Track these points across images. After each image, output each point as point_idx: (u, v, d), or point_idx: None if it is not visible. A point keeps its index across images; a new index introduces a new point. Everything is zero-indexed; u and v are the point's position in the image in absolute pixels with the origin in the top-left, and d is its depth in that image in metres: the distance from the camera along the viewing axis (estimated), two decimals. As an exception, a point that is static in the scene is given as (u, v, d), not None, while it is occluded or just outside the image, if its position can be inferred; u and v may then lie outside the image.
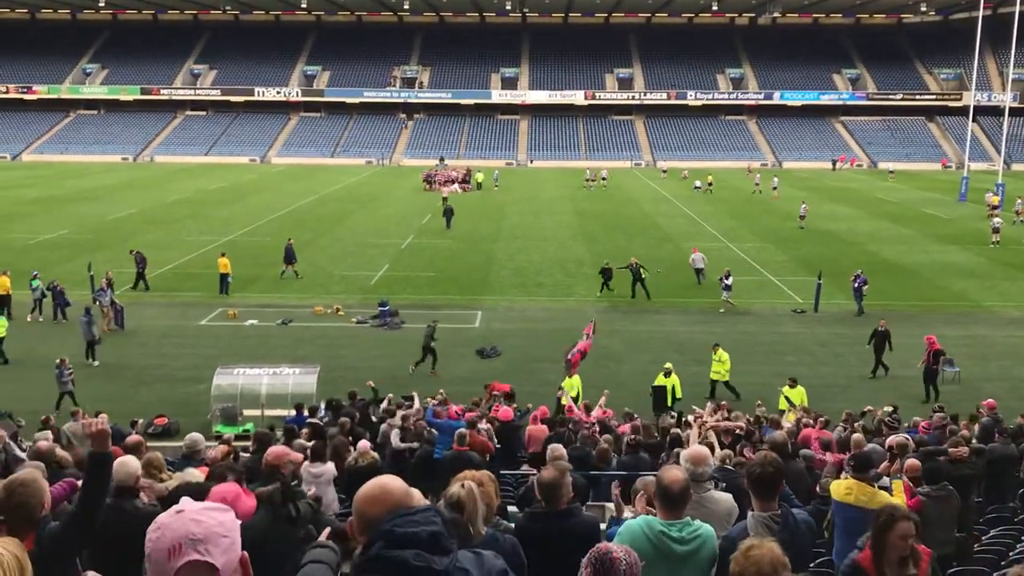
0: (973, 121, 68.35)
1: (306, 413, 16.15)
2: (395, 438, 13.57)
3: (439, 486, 10.48)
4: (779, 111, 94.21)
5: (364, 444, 11.81)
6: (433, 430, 13.62)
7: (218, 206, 54.31)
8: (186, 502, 2.52)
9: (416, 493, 3.02)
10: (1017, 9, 60.42)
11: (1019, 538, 9.74)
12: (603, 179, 67.80)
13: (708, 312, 30.32)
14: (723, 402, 18.66)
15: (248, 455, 11.19)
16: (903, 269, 36.98)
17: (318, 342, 26.55)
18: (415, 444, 13.64)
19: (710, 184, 63.50)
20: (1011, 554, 8.74)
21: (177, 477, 8.44)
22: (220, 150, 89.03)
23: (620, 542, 4.39)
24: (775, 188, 60.95)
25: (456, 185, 64.52)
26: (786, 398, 19.34)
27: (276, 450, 7.76)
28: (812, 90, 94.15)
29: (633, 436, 12.52)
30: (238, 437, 18.26)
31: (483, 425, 13.72)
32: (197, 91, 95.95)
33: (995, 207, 50.27)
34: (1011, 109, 66.92)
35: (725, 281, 30.35)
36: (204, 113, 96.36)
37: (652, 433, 14.41)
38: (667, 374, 20.53)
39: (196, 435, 10.29)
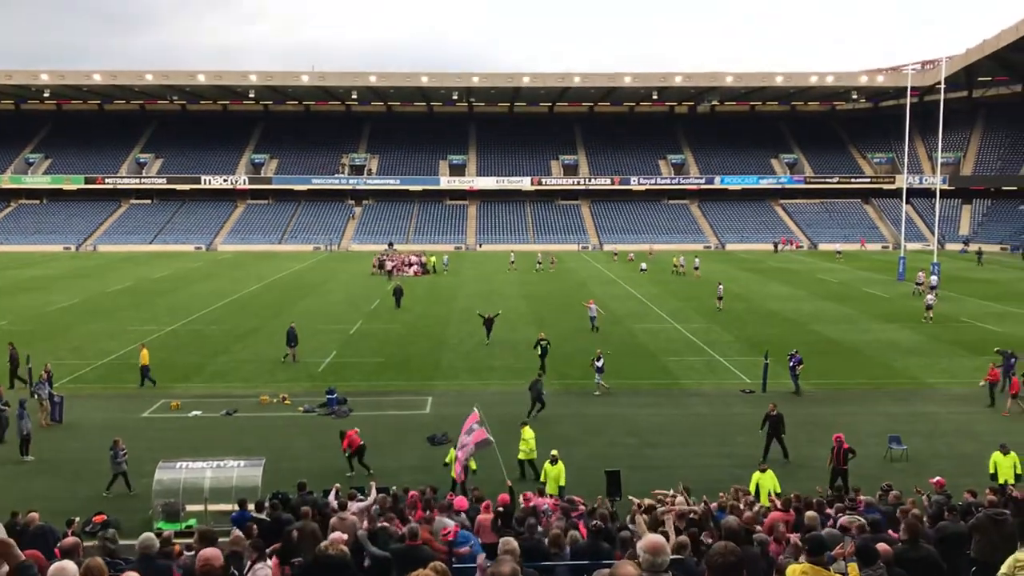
0: (907, 203, 70.63)
1: (251, 508, 15.59)
2: (363, 538, 12.90)
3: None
4: (720, 195, 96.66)
5: (338, 535, 11.37)
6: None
7: (162, 295, 53.51)
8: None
9: None
10: (942, 97, 63.33)
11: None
12: (551, 263, 68.60)
13: (659, 393, 30.35)
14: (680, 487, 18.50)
15: (191, 553, 10.74)
16: (847, 348, 37.59)
17: (264, 433, 25.90)
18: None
19: (679, 266, 65.34)
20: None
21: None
22: (165, 238, 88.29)
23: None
24: (696, 268, 63.66)
25: (412, 268, 65.05)
26: (758, 484, 19.19)
27: (207, 554, 7.42)
28: (751, 174, 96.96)
29: (595, 522, 12.26)
30: (179, 534, 17.60)
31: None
32: (143, 180, 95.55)
33: (933, 287, 51.61)
34: (942, 191, 69.42)
35: (597, 364, 30.54)
36: (149, 202, 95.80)
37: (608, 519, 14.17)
38: (553, 462, 20.00)
39: (150, 535, 9.78)
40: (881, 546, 9.45)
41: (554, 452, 20.50)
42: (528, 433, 22.22)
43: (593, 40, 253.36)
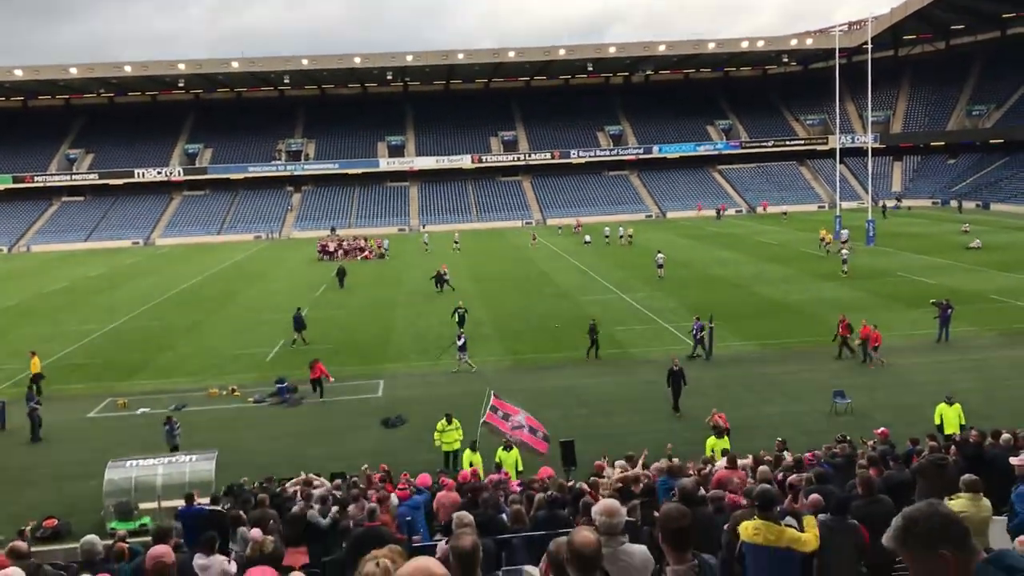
0: (840, 163, 71.98)
1: (200, 502, 15.36)
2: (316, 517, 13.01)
3: (348, 563, 10.21)
4: (659, 164, 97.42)
5: (256, 532, 11.31)
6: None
7: (101, 293, 52.38)
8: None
9: None
10: (869, 57, 64.52)
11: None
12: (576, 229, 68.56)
13: (608, 363, 30.66)
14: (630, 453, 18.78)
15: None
16: (789, 308, 38.35)
17: (215, 426, 25.63)
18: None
19: (630, 236, 65.52)
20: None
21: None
22: (101, 235, 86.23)
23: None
24: (621, 237, 65.79)
25: (364, 253, 65.09)
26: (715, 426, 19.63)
27: (156, 552, 7.35)
28: (688, 142, 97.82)
29: (550, 492, 12.42)
30: (133, 533, 17.41)
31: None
32: (73, 176, 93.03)
33: (844, 242, 53.21)
34: (873, 150, 70.92)
35: (458, 342, 30.80)
36: (82, 198, 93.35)
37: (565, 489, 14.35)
38: (507, 448, 19.84)
39: (93, 538, 9.58)
40: (813, 496, 9.71)
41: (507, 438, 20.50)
42: (456, 423, 21.75)
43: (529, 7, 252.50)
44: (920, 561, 2.91)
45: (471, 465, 18.86)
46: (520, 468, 19.49)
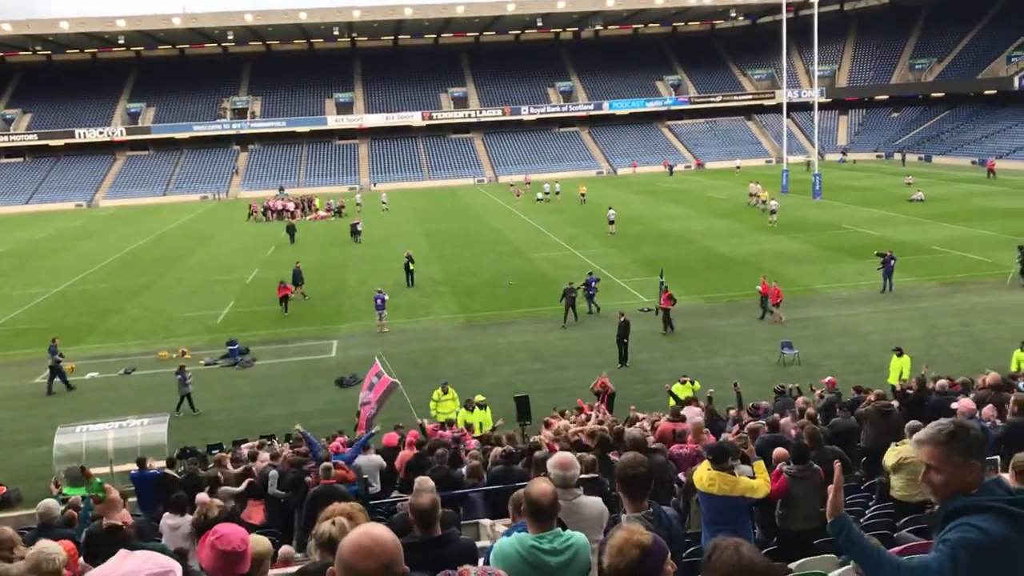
0: (787, 117, 72.65)
1: (154, 466, 15.29)
2: (272, 484, 13.02)
3: (305, 520, 10.27)
4: (609, 120, 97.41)
5: (203, 496, 11.29)
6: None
7: (44, 256, 51.20)
8: None
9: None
10: (816, 11, 64.93)
11: (867, 504, 10.39)
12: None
13: (560, 319, 30.87)
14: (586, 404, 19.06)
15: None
16: (738, 261, 38.88)
17: (166, 389, 25.36)
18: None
19: (583, 194, 65.40)
20: (862, 520, 9.30)
21: (32, 554, 7.82)
22: (42, 197, 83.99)
23: (493, 562, 4.42)
24: (558, 193, 67.14)
25: (318, 214, 64.94)
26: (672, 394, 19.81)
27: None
28: (638, 98, 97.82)
29: (505, 448, 12.55)
30: (85, 499, 17.26)
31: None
32: (11, 137, 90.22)
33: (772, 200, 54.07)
34: (820, 104, 71.63)
35: (376, 300, 30.93)
36: (21, 160, 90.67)
37: (517, 443, 14.54)
38: (482, 407, 19.96)
39: (50, 502, 9.54)
40: (778, 451, 10.03)
41: (480, 398, 20.46)
42: (453, 393, 21.32)
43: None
44: (955, 465, 3.35)
45: (467, 425, 18.75)
46: (492, 425, 19.30)
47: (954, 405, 11.55)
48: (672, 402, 18.88)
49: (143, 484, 14.47)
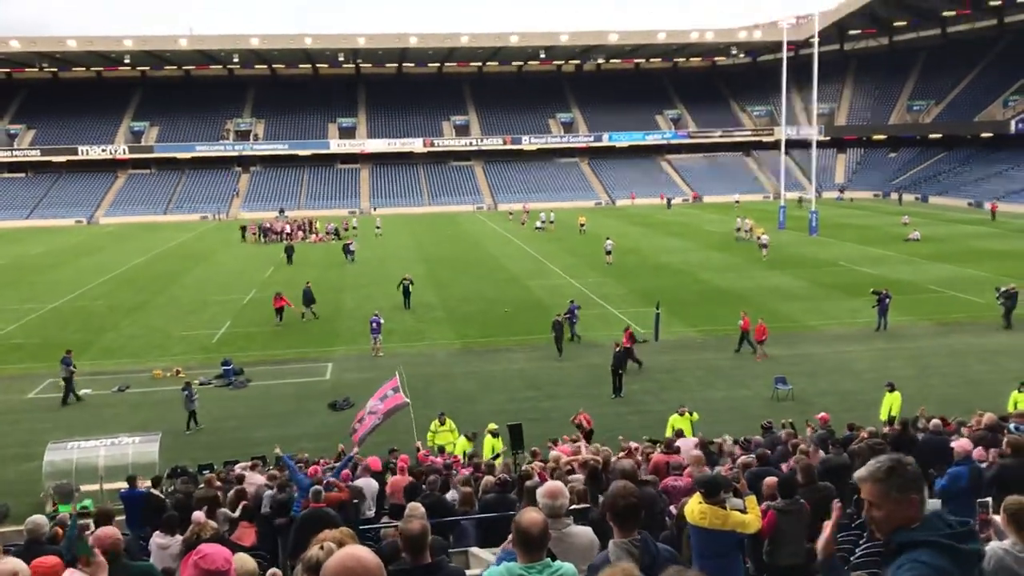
0: (785, 154, 73.12)
1: (142, 485, 15.21)
2: (266, 503, 12.98)
3: (293, 545, 10.24)
4: (609, 152, 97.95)
5: (199, 515, 11.28)
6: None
7: (42, 271, 51.19)
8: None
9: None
10: (816, 51, 65.60)
11: (858, 542, 10.35)
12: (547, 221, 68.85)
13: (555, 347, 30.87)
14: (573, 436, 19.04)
15: (89, 532, 10.51)
16: (734, 295, 38.95)
17: (159, 407, 25.34)
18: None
19: (582, 224, 65.38)
20: (852, 558, 9.28)
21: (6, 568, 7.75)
22: (43, 213, 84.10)
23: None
24: (552, 222, 67.50)
25: (315, 236, 65.00)
26: (674, 425, 19.83)
27: (102, 533, 7.32)
28: (638, 131, 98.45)
29: (499, 476, 12.54)
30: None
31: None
32: (14, 152, 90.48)
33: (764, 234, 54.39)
34: (818, 142, 72.09)
35: (372, 324, 30.92)
36: (23, 175, 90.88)
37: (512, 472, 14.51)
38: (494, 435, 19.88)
39: (39, 518, 9.50)
40: (768, 480, 10.05)
41: (493, 426, 20.17)
42: (451, 424, 21.10)
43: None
44: (894, 501, 3.40)
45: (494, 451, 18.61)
46: (496, 451, 19.08)
47: (953, 444, 11.61)
48: (669, 432, 18.93)
49: (132, 503, 14.41)
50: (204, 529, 10.93)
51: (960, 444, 11.58)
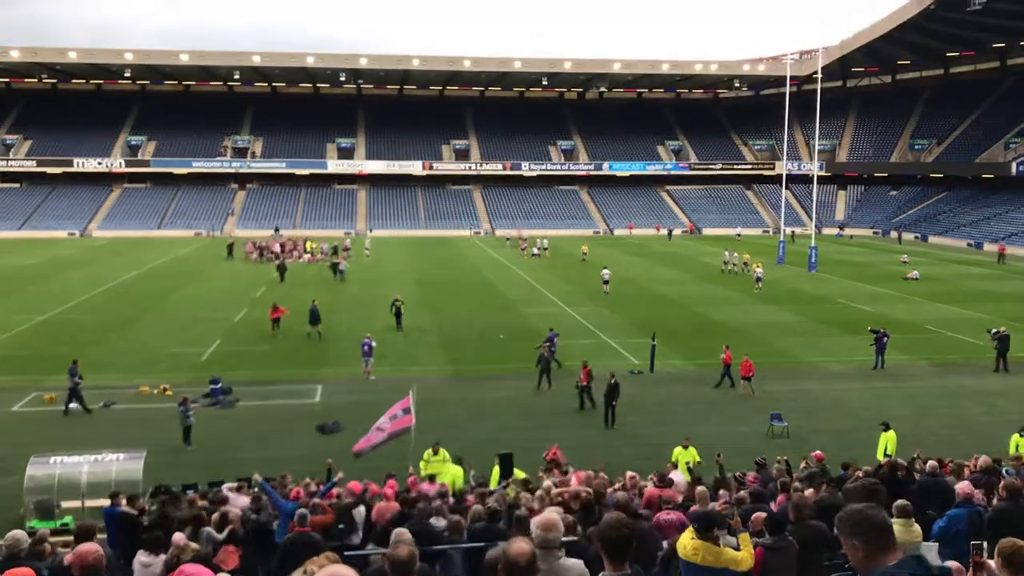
0: (786, 188, 73.26)
1: (122, 503, 14.86)
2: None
3: (277, 570, 9.92)
4: (608, 181, 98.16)
5: (179, 536, 10.95)
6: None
7: (33, 283, 50.83)
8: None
9: None
10: (819, 87, 65.88)
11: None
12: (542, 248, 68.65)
13: (552, 376, 30.52)
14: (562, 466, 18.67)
15: (65, 551, 10.21)
16: (731, 329, 38.70)
17: (145, 424, 24.92)
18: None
19: (584, 253, 65.17)
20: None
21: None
22: (36, 224, 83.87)
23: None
24: (546, 249, 67.43)
25: (307, 256, 64.66)
26: (677, 460, 19.56)
27: (83, 549, 7.02)
28: (638, 160, 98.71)
29: (490, 504, 12.22)
30: (55, 532, 16.77)
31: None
32: (10, 162, 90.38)
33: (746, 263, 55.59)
34: (818, 177, 72.34)
35: (363, 347, 30.82)
36: (18, 185, 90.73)
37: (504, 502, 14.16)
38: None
39: (18, 532, 9.20)
40: (758, 515, 9.77)
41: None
42: (445, 455, 19.79)
43: (484, 22, 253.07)
44: (848, 546, 3.76)
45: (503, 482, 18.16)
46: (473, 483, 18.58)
47: (958, 487, 11.37)
48: (683, 467, 18.70)
49: (114, 520, 14.09)
50: (184, 551, 10.62)
51: (961, 487, 11.35)
